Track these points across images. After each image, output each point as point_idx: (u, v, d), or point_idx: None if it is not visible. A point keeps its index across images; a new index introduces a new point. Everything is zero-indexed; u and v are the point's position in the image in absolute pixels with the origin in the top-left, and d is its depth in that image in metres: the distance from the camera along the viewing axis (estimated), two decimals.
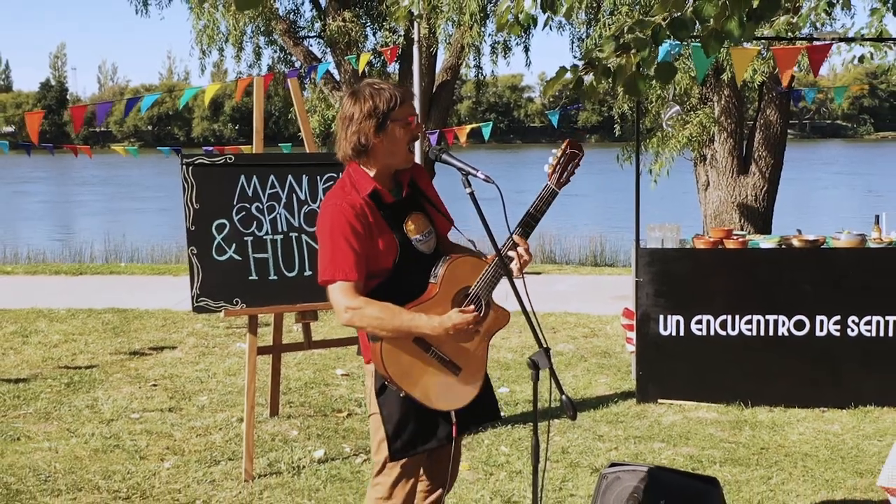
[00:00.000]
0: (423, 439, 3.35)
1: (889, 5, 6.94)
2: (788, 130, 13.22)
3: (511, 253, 3.29)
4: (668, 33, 3.06)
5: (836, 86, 21.20)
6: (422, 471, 3.53)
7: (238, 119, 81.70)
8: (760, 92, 12.75)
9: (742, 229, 11.95)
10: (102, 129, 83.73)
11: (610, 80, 3.21)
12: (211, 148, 11.74)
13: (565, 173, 3.34)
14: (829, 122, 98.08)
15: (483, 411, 3.51)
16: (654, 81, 3.35)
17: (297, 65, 15.66)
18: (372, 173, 3.27)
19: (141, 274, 12.96)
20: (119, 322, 9.17)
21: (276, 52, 16.11)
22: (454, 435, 3.37)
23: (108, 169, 52.26)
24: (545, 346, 3.18)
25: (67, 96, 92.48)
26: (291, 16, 16.32)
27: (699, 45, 4.11)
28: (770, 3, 3.02)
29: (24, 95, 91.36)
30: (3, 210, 33.58)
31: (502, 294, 3.23)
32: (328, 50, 15.48)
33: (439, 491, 3.58)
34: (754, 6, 3.04)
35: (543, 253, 17.24)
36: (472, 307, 3.27)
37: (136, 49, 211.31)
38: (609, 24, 12.38)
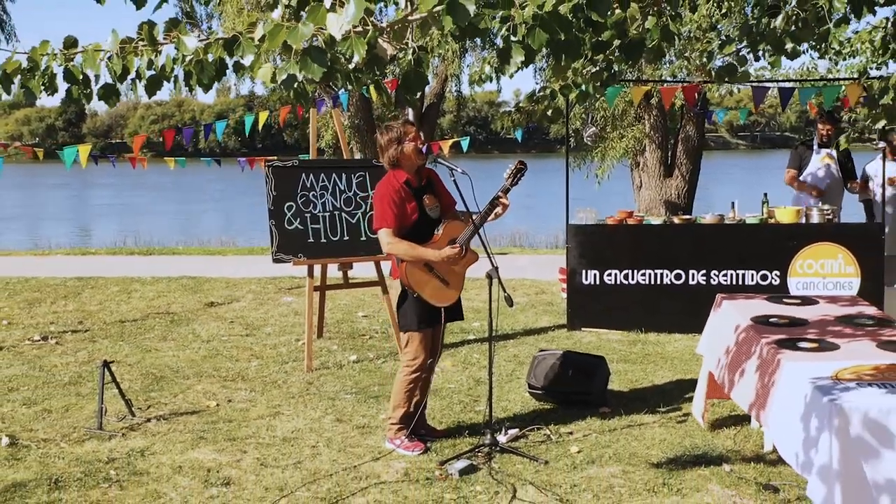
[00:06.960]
0: (425, 323, 5.47)
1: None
2: (740, 141, 15.36)
3: (499, 202, 5.37)
4: (559, 92, 5.29)
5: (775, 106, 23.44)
6: None
7: (240, 132, 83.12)
8: (681, 112, 14.95)
9: None
10: (117, 140, 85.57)
11: (526, 117, 5.45)
12: (244, 160, 13.77)
13: (516, 178, 5.49)
14: (778, 133, 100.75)
15: (458, 313, 5.66)
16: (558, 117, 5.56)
17: (312, 89, 17.70)
18: (404, 169, 5.43)
19: (196, 255, 15.09)
20: (193, 285, 11.31)
21: None
22: (443, 320, 5.53)
23: (144, 177, 53.65)
24: (495, 265, 5.36)
25: (86, 110, 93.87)
26: None
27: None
28: (613, 77, 5.24)
29: (46, 110, 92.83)
30: (61, 209, 35.48)
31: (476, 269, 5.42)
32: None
33: (432, 359, 5.72)
34: (604, 79, 5.27)
35: (513, 243, 19.38)
36: (457, 246, 5.43)
37: None
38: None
